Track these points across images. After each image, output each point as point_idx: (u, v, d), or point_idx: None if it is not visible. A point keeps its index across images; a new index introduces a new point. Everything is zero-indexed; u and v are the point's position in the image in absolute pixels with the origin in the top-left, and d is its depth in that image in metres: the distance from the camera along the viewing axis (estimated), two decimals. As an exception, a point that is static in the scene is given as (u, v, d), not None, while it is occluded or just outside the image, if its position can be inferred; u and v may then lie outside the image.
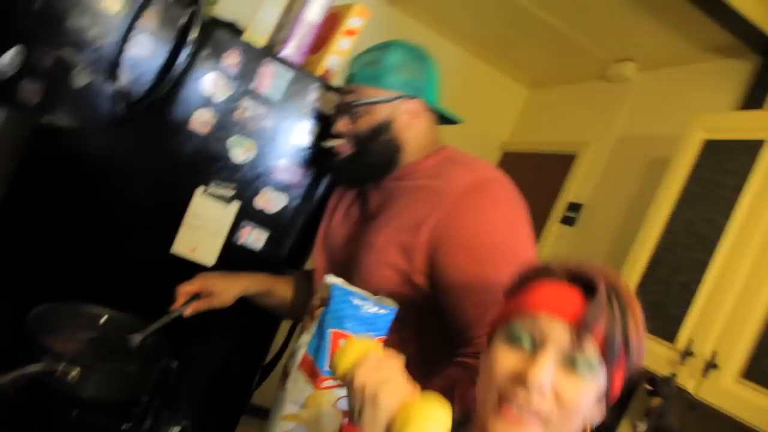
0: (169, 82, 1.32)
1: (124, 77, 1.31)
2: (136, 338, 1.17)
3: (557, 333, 0.68)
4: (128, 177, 1.41)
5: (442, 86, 1.28)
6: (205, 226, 1.45)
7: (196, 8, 1.29)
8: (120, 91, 1.22)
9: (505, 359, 0.71)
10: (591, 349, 0.67)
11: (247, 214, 1.48)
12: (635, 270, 1.77)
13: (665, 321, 1.60)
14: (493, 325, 0.77)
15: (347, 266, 1.21)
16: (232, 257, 1.47)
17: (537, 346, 0.69)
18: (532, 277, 0.75)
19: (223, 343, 1.54)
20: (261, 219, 1.49)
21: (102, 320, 1.27)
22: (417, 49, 1.24)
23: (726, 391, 1.39)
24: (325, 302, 1.10)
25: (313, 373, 0.99)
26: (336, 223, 1.36)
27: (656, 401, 1.50)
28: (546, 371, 0.66)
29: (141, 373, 1.10)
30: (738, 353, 1.41)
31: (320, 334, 0.95)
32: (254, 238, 1.50)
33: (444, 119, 1.28)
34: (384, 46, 1.23)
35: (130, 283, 1.43)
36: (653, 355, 1.59)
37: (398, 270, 1.12)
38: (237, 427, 1.58)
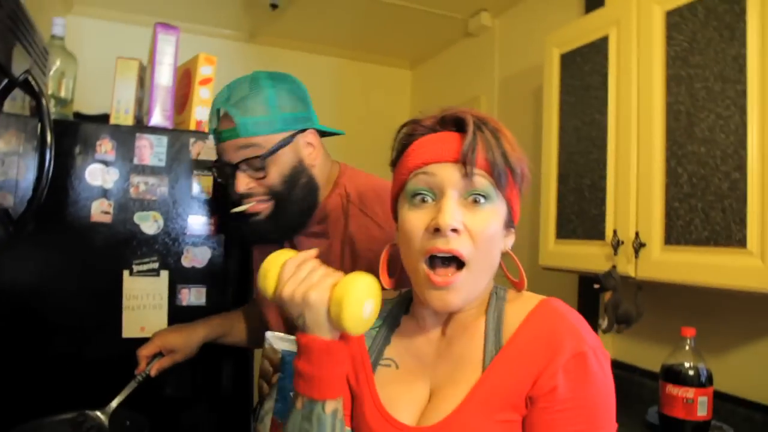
0: (44, 187, 1.33)
1: (4, 200, 1.33)
2: (107, 411, 1.19)
3: (450, 175, 0.73)
4: (55, 284, 1.44)
5: (326, 98, 1.30)
6: (144, 303, 1.48)
7: (41, 112, 1.31)
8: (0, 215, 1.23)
9: (415, 219, 0.75)
10: (480, 179, 0.73)
11: (179, 277, 1.52)
12: (550, 190, 1.88)
13: (590, 222, 1.71)
14: (393, 200, 0.82)
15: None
16: (182, 320, 1.49)
17: (438, 195, 0.74)
18: (408, 138, 0.80)
19: (208, 401, 1.56)
20: (194, 277, 1.53)
21: (82, 420, 1.26)
22: (279, 75, 1.18)
23: (658, 262, 1.50)
24: (277, 368, 1.13)
25: None
26: None
27: (608, 296, 1.59)
28: (451, 215, 0.71)
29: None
30: (655, 226, 1.52)
31: (284, 398, 0.96)
32: (195, 296, 1.54)
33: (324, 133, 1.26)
34: (251, 87, 1.12)
35: (98, 380, 1.43)
36: (591, 256, 1.69)
37: None
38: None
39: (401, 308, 0.90)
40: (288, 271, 0.71)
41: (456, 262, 0.73)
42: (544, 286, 2.08)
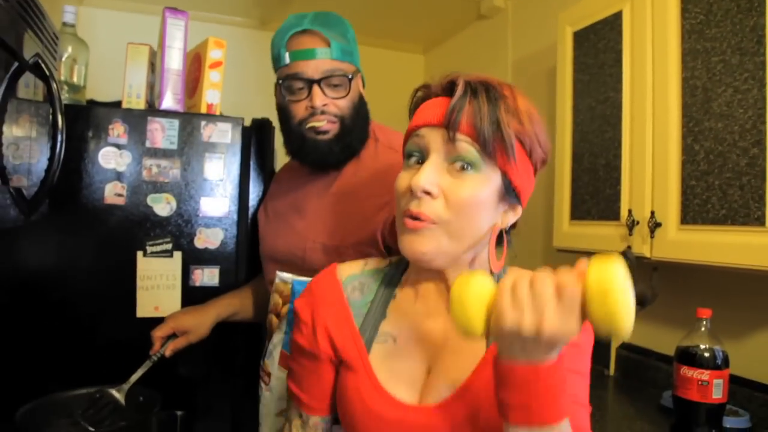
0: (56, 169, 1.35)
1: (16, 181, 1.35)
2: (124, 388, 1.21)
3: (435, 139, 0.73)
4: (70, 265, 1.46)
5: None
6: (158, 284, 1.50)
7: (51, 96, 1.32)
8: (13, 196, 1.25)
9: (401, 179, 0.76)
10: (465, 144, 0.71)
11: (192, 258, 1.53)
12: (564, 170, 1.85)
13: (605, 203, 1.69)
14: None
15: (333, 247, 1.23)
16: (195, 300, 1.51)
17: (425, 158, 0.74)
18: (419, 101, 0.81)
19: (226, 380, 1.57)
20: (207, 258, 1.55)
21: (99, 397, 1.29)
22: (340, 18, 1.27)
23: (674, 242, 1.47)
24: (288, 299, 1.15)
25: None
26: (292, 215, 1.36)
27: (623, 276, 1.57)
28: (425, 177, 0.71)
29: (141, 426, 1.14)
30: (671, 205, 1.49)
31: (292, 330, 0.98)
32: (207, 277, 1.55)
33: None
34: (337, 20, 1.24)
35: (110, 360, 1.46)
36: (606, 237, 1.67)
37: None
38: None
39: (393, 277, 0.87)
40: (507, 302, 0.57)
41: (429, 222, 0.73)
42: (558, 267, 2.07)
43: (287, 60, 1.19)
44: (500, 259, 0.79)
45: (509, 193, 0.75)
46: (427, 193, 0.71)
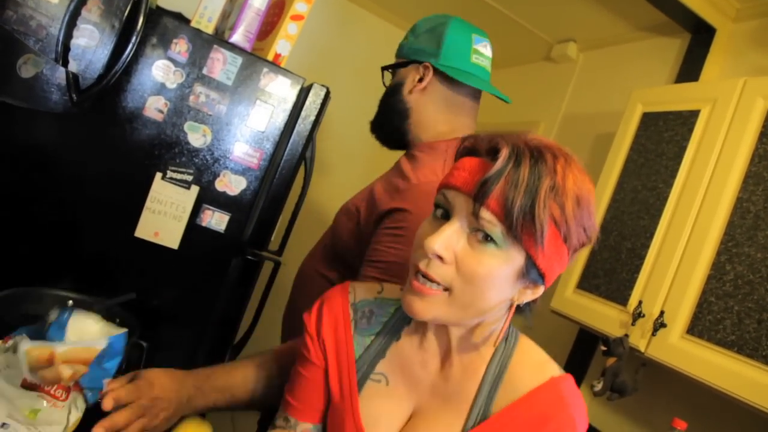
0: (118, 70, 1.30)
1: (73, 66, 1.28)
2: (105, 303, 1.16)
3: (461, 205, 0.68)
4: (90, 163, 1.41)
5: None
6: (166, 210, 1.45)
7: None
8: (69, 80, 1.19)
9: (423, 229, 0.72)
10: (488, 223, 0.65)
11: (208, 197, 1.48)
12: (586, 240, 1.85)
13: (617, 285, 1.69)
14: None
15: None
16: (195, 240, 1.48)
17: (449, 219, 0.70)
18: (464, 152, 0.75)
19: (192, 326, 1.53)
20: (221, 202, 1.50)
21: (68, 303, 1.24)
22: (442, 18, 1.25)
23: (673, 347, 1.48)
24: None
25: None
26: None
27: (611, 361, 1.57)
28: (440, 242, 0.67)
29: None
30: (683, 312, 1.49)
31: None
32: (216, 220, 1.51)
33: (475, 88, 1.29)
34: (428, 18, 1.29)
35: (95, 266, 1.42)
36: (607, 317, 1.67)
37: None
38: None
39: (404, 317, 0.85)
40: None
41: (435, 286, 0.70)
42: (544, 327, 2.06)
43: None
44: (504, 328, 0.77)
45: (531, 273, 0.69)
46: (439, 257, 0.68)
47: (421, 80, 1.22)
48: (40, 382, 0.82)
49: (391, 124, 1.27)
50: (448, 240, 0.67)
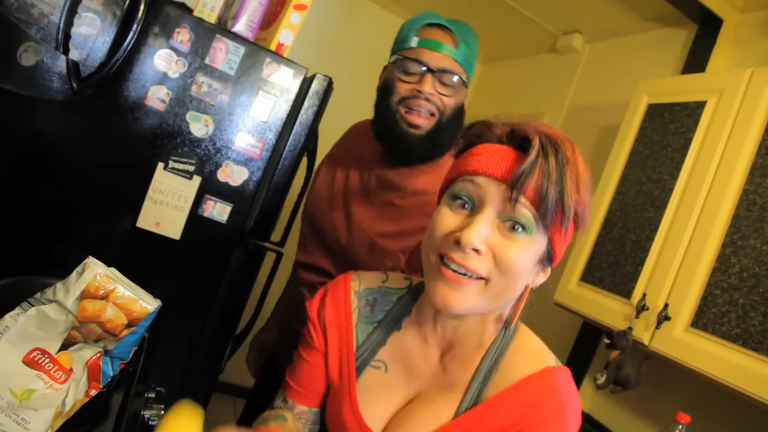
0: (119, 58, 1.30)
1: (73, 54, 1.28)
2: None
3: (493, 193, 0.68)
4: (91, 152, 1.39)
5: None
6: (168, 200, 1.44)
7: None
8: (69, 68, 1.18)
9: (446, 219, 0.71)
10: (524, 209, 0.66)
11: (210, 188, 1.48)
12: (591, 231, 1.84)
13: (621, 278, 1.68)
14: (441, 189, 0.78)
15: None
16: (197, 230, 1.48)
17: (477, 207, 0.69)
18: (474, 139, 0.75)
19: (194, 317, 1.53)
20: (224, 193, 1.49)
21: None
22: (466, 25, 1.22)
23: (677, 340, 1.47)
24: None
25: None
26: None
27: (614, 354, 1.57)
28: (478, 233, 0.66)
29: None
30: (687, 305, 1.48)
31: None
32: (218, 211, 1.50)
33: None
34: (469, 28, 1.21)
35: (96, 256, 1.40)
36: (611, 310, 1.66)
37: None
38: (210, 402, 1.59)
39: (406, 307, 0.86)
40: None
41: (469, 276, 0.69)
42: (547, 320, 2.06)
43: (414, 44, 1.16)
44: (513, 312, 0.78)
45: (547, 256, 0.72)
46: (475, 250, 0.67)
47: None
48: (75, 316, 0.81)
49: (455, 139, 1.25)
50: (484, 231, 0.67)
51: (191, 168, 1.46)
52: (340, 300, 0.88)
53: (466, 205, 0.70)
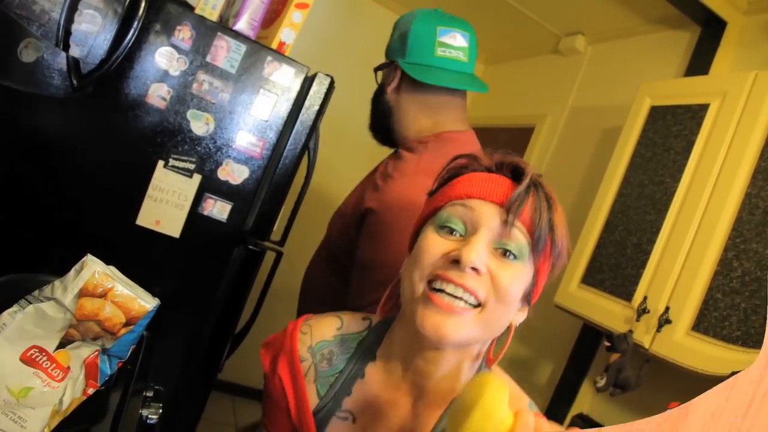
0: (120, 55, 1.29)
1: (74, 51, 1.27)
2: None
3: (488, 216, 0.67)
4: (91, 150, 1.39)
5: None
6: (168, 198, 1.44)
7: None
8: (70, 65, 1.18)
9: (437, 243, 0.69)
10: (519, 233, 0.66)
11: (210, 186, 1.48)
12: (592, 233, 1.83)
13: (621, 281, 1.67)
14: (420, 221, 0.76)
15: None
16: (197, 229, 1.47)
17: (469, 232, 0.68)
18: (460, 170, 0.74)
19: (193, 316, 1.53)
20: (224, 191, 1.49)
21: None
22: (412, 14, 1.24)
23: (678, 343, 1.46)
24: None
25: None
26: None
27: (614, 357, 1.56)
28: (479, 252, 0.65)
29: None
30: (688, 308, 1.48)
31: None
32: (218, 209, 1.50)
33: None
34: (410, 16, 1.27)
35: (95, 254, 1.40)
36: (611, 313, 1.66)
37: None
38: (208, 401, 1.58)
39: (367, 353, 0.80)
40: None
41: (464, 303, 0.66)
42: (547, 322, 2.05)
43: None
44: (497, 351, 0.76)
45: (529, 293, 0.70)
46: (475, 269, 0.65)
47: (392, 79, 1.25)
48: (73, 314, 0.81)
49: (378, 124, 1.32)
50: (484, 251, 0.66)
51: (191, 166, 1.45)
52: (289, 360, 0.81)
53: (455, 233, 0.68)
